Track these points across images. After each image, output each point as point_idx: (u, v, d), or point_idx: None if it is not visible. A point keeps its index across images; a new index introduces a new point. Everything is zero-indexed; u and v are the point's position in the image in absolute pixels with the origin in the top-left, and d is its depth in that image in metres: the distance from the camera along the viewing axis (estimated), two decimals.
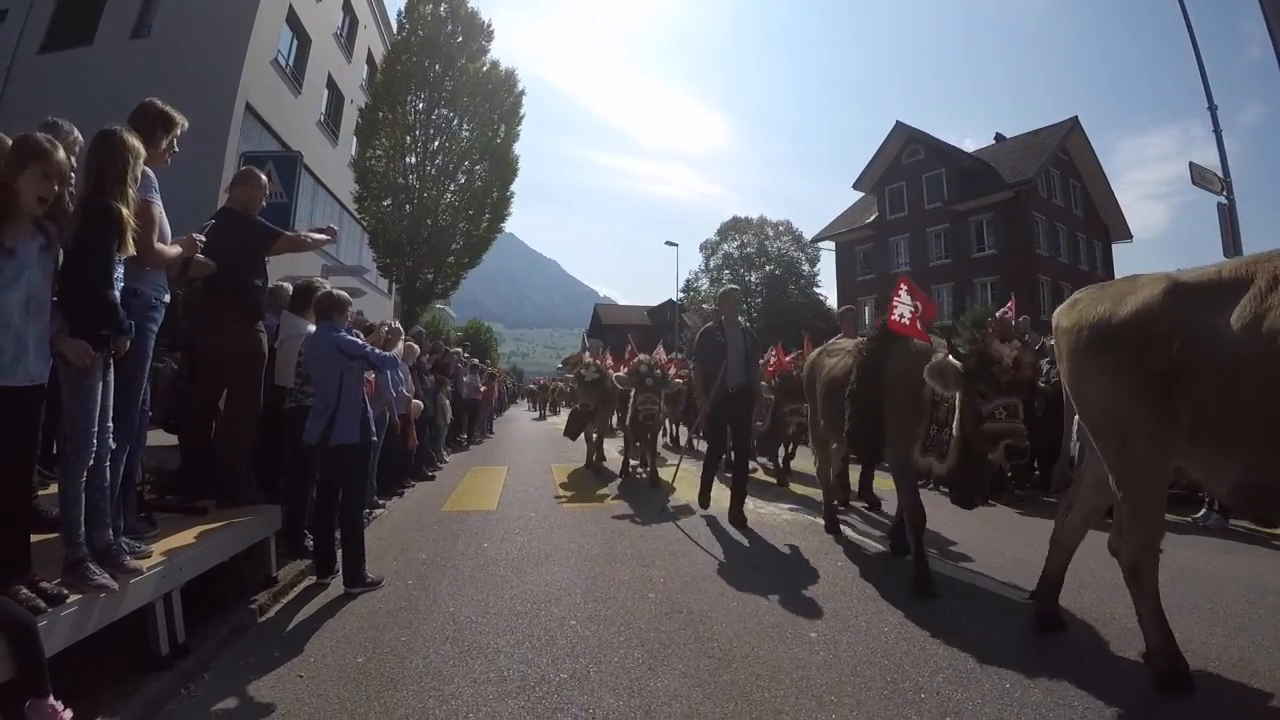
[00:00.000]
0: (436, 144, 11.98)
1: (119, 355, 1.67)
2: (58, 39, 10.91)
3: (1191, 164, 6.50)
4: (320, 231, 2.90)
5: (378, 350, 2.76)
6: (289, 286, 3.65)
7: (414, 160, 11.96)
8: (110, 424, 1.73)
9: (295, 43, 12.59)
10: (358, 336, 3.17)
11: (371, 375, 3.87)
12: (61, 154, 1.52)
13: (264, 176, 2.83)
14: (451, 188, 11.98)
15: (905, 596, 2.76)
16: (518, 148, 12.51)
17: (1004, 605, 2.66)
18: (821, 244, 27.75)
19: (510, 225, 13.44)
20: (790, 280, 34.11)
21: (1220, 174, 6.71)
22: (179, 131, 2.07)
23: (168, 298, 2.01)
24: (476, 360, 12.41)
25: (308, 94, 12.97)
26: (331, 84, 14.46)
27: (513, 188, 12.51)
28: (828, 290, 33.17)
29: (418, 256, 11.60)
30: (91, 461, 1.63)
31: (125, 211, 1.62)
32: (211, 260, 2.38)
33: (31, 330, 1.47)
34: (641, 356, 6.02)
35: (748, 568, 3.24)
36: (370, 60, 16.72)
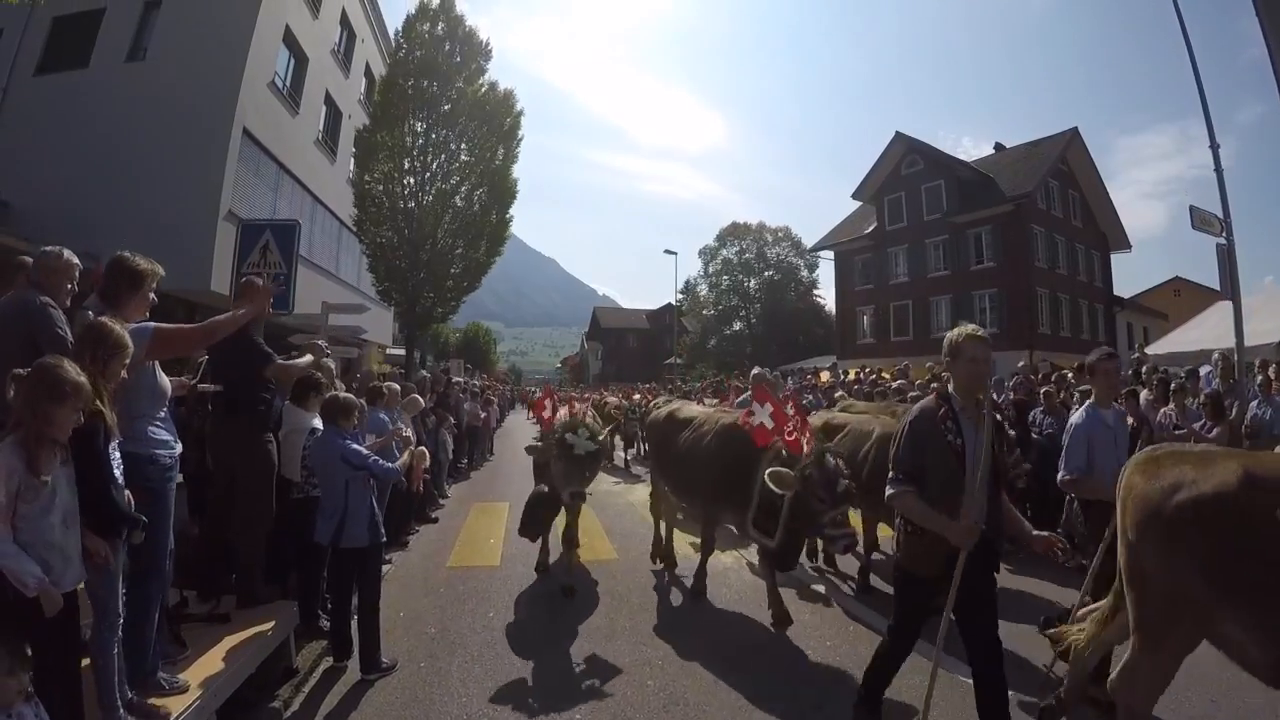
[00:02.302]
0: (435, 166, 11.99)
1: (136, 543, 1.76)
2: (53, 61, 10.87)
3: (1192, 208, 6.56)
4: (312, 348, 2.93)
5: (381, 462, 2.82)
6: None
7: (413, 182, 11.97)
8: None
9: (292, 62, 12.54)
10: (361, 435, 3.22)
11: (371, 438, 3.94)
12: (87, 383, 1.60)
13: (262, 283, 2.86)
14: (450, 212, 11.99)
15: (895, 687, 2.82)
16: (516, 169, 12.53)
17: None
18: (820, 253, 27.81)
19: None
20: (789, 287, 34.20)
21: (1220, 214, 6.77)
22: (153, 283, 2.09)
23: (180, 449, 2.08)
24: (476, 384, 12.47)
25: (305, 113, 12.94)
26: (329, 101, 14.41)
27: (511, 211, 12.54)
28: (827, 295, 33.28)
29: (417, 281, 11.64)
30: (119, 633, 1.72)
31: (108, 412, 1.70)
32: (217, 376, 2.46)
33: (71, 540, 1.60)
34: (827, 449, 3.12)
35: (744, 650, 3.27)
36: (368, 74, 16.64)
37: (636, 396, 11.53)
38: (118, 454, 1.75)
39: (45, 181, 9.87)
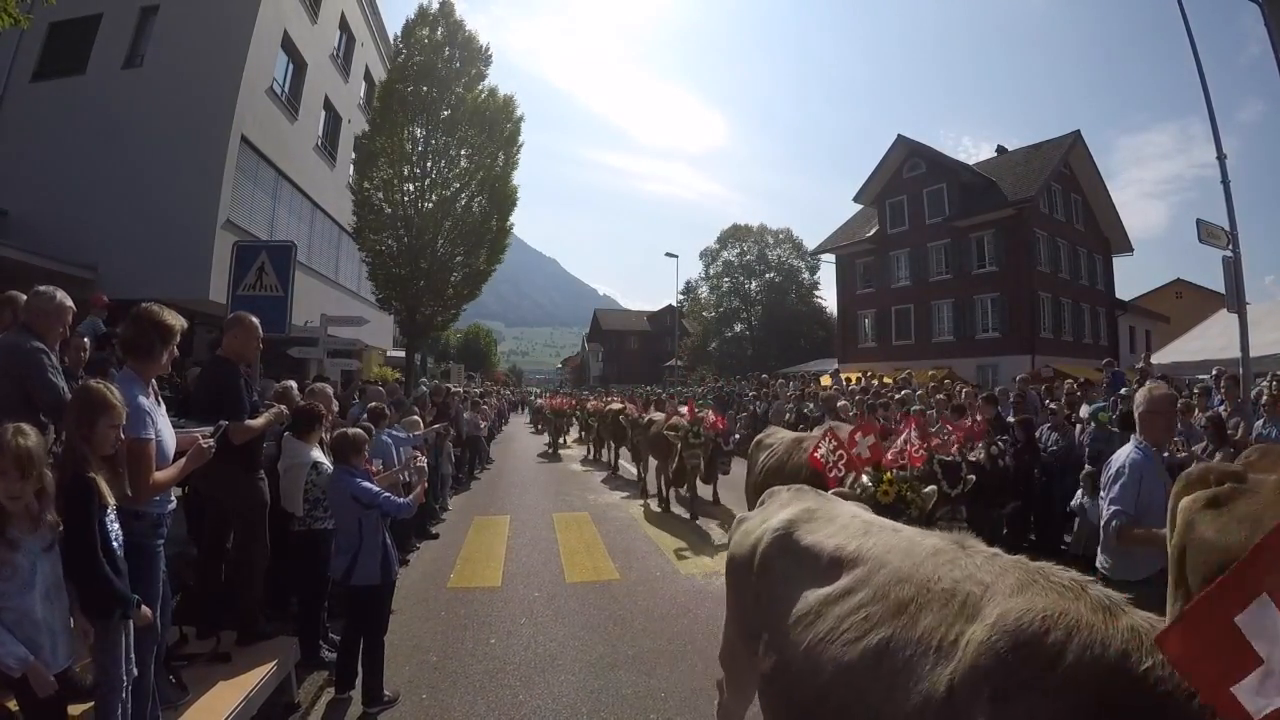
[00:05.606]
0: (434, 173, 11.92)
1: (139, 623, 1.70)
2: (50, 68, 10.80)
3: (1199, 220, 6.48)
4: (274, 413, 2.85)
5: (392, 499, 2.81)
6: (294, 389, 3.65)
7: (412, 188, 11.90)
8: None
9: (291, 67, 12.47)
10: (373, 464, 3.18)
11: (378, 464, 3.89)
12: (37, 449, 1.52)
13: (255, 320, 2.80)
14: (450, 220, 11.91)
15: None
16: (517, 176, 12.45)
17: None
18: (821, 256, 27.73)
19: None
20: (790, 289, 34.15)
21: (1227, 227, 6.69)
22: (178, 338, 2.03)
23: (172, 506, 2.03)
24: (477, 391, 12.40)
25: (304, 119, 12.87)
26: (329, 105, 14.35)
27: (511, 218, 12.46)
28: (828, 297, 33.22)
29: (417, 289, 11.58)
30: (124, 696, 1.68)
31: (99, 480, 1.63)
32: (207, 411, 2.40)
33: (58, 615, 1.54)
34: None
35: None
36: (368, 77, 16.57)
37: (684, 409, 7.75)
38: (116, 525, 1.68)
39: (42, 189, 9.82)
